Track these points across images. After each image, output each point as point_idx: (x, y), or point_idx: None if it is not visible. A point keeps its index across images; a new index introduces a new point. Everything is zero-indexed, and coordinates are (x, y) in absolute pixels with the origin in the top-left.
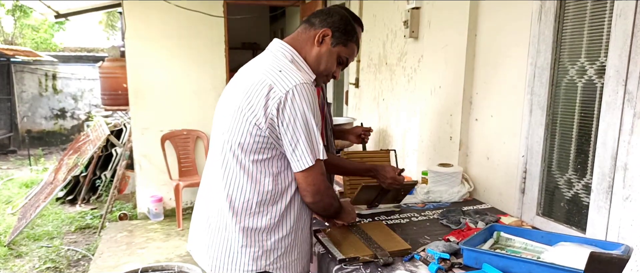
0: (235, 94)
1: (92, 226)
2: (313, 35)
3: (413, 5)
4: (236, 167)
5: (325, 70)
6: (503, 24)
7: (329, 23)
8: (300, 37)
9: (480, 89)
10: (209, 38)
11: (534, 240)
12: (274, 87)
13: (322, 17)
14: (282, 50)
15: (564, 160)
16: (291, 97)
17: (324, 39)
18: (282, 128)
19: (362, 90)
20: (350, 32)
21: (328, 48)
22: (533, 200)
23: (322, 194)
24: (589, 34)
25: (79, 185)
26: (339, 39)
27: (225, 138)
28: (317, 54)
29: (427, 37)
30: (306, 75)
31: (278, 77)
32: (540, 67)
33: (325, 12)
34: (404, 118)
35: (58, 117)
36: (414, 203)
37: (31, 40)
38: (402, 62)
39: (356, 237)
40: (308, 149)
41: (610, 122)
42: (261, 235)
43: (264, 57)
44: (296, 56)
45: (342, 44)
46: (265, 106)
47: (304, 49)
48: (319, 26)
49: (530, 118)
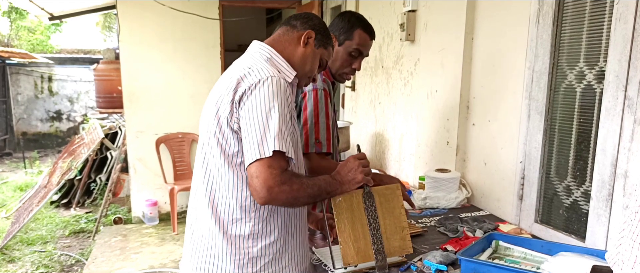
0: (211, 98)
1: (87, 230)
2: (297, 37)
3: (409, 7)
4: (215, 172)
5: (310, 71)
6: (500, 28)
7: (311, 25)
8: (282, 39)
9: (478, 93)
10: (205, 40)
11: (533, 249)
12: (242, 82)
13: (302, 20)
14: (260, 51)
15: (563, 167)
16: (258, 88)
17: (308, 41)
18: (242, 119)
19: (358, 94)
20: (329, 36)
21: (312, 49)
22: (531, 207)
23: (271, 191)
24: (587, 38)
25: (73, 188)
26: (321, 41)
27: (204, 140)
28: (303, 54)
29: (423, 40)
30: (279, 73)
31: (247, 72)
32: (538, 71)
33: (304, 15)
34: (400, 122)
35: (54, 119)
36: (411, 210)
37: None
38: (398, 66)
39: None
40: (260, 140)
41: (610, 128)
42: (246, 241)
43: (240, 58)
44: (275, 55)
45: (323, 46)
46: (232, 100)
47: (286, 50)
48: (301, 28)
49: (528, 123)
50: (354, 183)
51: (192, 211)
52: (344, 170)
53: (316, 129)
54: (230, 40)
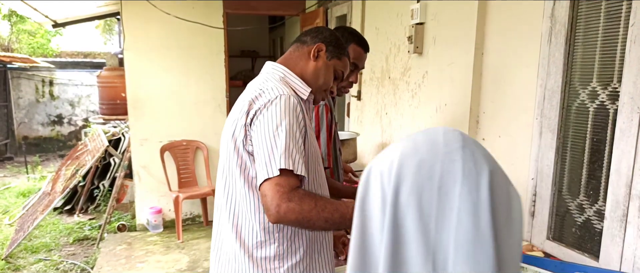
0: (227, 122)
1: (91, 237)
2: (307, 52)
3: (417, 20)
4: (237, 196)
5: (324, 84)
6: (511, 44)
7: (320, 38)
8: (293, 56)
9: (488, 108)
10: (209, 48)
11: (547, 269)
12: (254, 104)
13: (312, 35)
14: (273, 71)
15: (575, 185)
16: (267, 107)
17: (319, 54)
18: (253, 140)
19: (364, 103)
20: (341, 46)
21: (324, 62)
22: (543, 223)
23: (279, 209)
24: (601, 58)
25: (77, 194)
26: (333, 53)
27: (224, 165)
28: (314, 68)
29: (432, 53)
30: (294, 91)
31: (259, 94)
32: (550, 89)
33: (314, 30)
34: (408, 133)
35: (55, 123)
36: None
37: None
38: (405, 77)
39: None
40: (268, 159)
41: (624, 149)
42: (272, 263)
43: (254, 80)
44: (288, 73)
45: (336, 57)
46: (245, 124)
47: (298, 66)
48: (311, 42)
49: (540, 140)
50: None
51: (217, 235)
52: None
53: (318, 144)
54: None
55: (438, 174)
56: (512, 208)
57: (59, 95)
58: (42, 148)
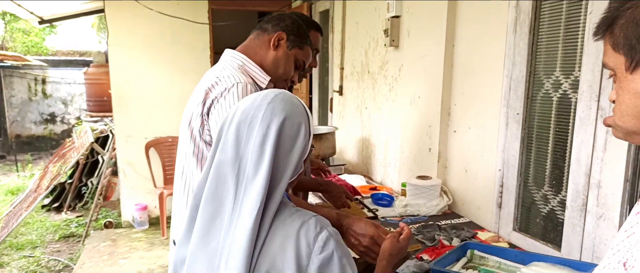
0: (185, 112)
1: (77, 234)
2: (268, 40)
3: (393, 13)
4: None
5: (284, 74)
6: (480, 35)
7: (282, 27)
8: (253, 44)
9: (459, 100)
10: (194, 44)
11: (508, 259)
12: (210, 92)
13: (274, 22)
14: (231, 59)
15: (540, 175)
16: (224, 96)
17: (279, 43)
18: (211, 130)
19: (346, 98)
20: (304, 35)
21: (284, 51)
22: (510, 215)
23: None
24: (563, 47)
25: (64, 192)
26: (294, 42)
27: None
28: (274, 57)
29: (406, 46)
30: (253, 79)
31: (215, 82)
32: (515, 79)
33: (277, 17)
34: (385, 127)
35: (48, 122)
36: (392, 217)
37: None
38: (383, 71)
39: None
40: None
41: (583, 138)
42: None
43: (212, 68)
44: (247, 62)
45: (297, 47)
46: (201, 113)
47: (258, 55)
48: (272, 31)
49: (506, 131)
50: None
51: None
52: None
53: None
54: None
55: (250, 116)
56: (298, 139)
57: (52, 93)
58: (35, 147)
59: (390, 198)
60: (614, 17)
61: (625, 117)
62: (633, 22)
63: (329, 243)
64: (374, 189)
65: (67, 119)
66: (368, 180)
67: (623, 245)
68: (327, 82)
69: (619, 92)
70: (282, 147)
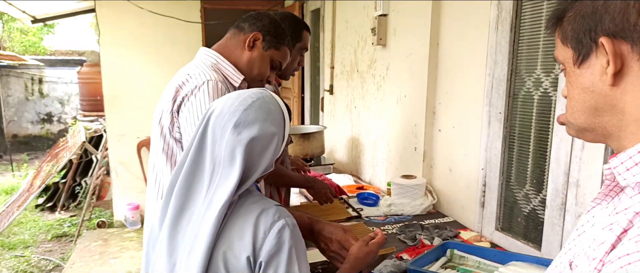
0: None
1: (70, 234)
2: (243, 40)
3: (380, 12)
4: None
5: (259, 75)
6: (463, 33)
7: (258, 27)
8: (229, 43)
9: (443, 99)
10: (186, 43)
11: (487, 258)
12: (181, 90)
13: (251, 21)
14: (205, 57)
15: (522, 174)
16: (194, 93)
17: (254, 43)
18: (181, 127)
19: (336, 97)
20: (281, 35)
21: (260, 52)
22: (492, 214)
23: None
24: (544, 45)
25: (58, 191)
26: (270, 43)
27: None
28: (249, 58)
29: (393, 45)
30: (225, 77)
31: (186, 79)
32: (497, 78)
33: (254, 16)
34: (373, 126)
35: (44, 121)
36: (376, 216)
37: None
38: (371, 70)
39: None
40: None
41: (562, 136)
42: None
43: (185, 66)
44: (220, 60)
45: (274, 47)
46: (171, 110)
47: (233, 54)
48: (248, 30)
49: (488, 130)
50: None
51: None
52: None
53: None
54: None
55: (225, 120)
56: (270, 147)
57: (49, 93)
58: (31, 147)
59: (376, 198)
60: (564, 9)
61: (575, 113)
62: (580, 15)
63: (283, 232)
64: (360, 188)
65: (63, 119)
66: (356, 180)
67: (574, 244)
68: (319, 81)
69: (568, 87)
70: (253, 153)
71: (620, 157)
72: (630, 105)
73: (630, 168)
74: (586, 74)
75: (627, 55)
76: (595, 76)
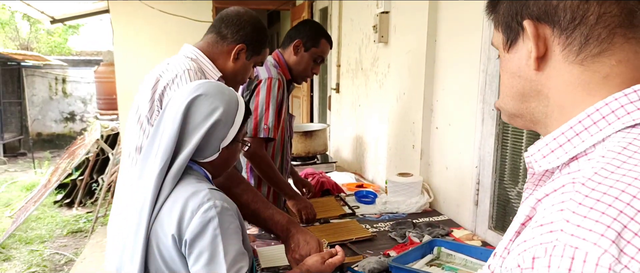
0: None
1: (84, 230)
2: (227, 51)
3: (382, 9)
4: None
5: (242, 81)
6: (459, 29)
7: (242, 36)
8: (213, 49)
9: (440, 96)
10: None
11: (475, 257)
12: (161, 79)
13: (234, 29)
14: (188, 53)
15: (515, 172)
16: (176, 81)
17: (239, 55)
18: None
19: (342, 96)
20: (262, 40)
21: (243, 62)
22: (485, 212)
23: None
24: None
25: (76, 188)
26: (253, 51)
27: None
28: (233, 69)
29: (393, 42)
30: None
31: (165, 68)
32: (490, 74)
33: (235, 22)
34: (376, 124)
35: (67, 120)
36: (371, 214)
37: (46, 45)
38: (374, 68)
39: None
40: None
41: None
42: None
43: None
44: (201, 57)
45: (256, 54)
46: (151, 98)
47: (218, 61)
48: (231, 40)
49: (482, 127)
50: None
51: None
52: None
53: (266, 115)
54: None
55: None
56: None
57: (72, 92)
58: (54, 145)
59: (373, 196)
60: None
61: (505, 98)
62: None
63: (209, 213)
64: (360, 187)
65: (86, 118)
66: (358, 178)
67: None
68: (327, 80)
69: (501, 72)
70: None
71: (538, 145)
72: (554, 90)
73: (546, 155)
74: (514, 59)
75: (549, 39)
76: (521, 61)
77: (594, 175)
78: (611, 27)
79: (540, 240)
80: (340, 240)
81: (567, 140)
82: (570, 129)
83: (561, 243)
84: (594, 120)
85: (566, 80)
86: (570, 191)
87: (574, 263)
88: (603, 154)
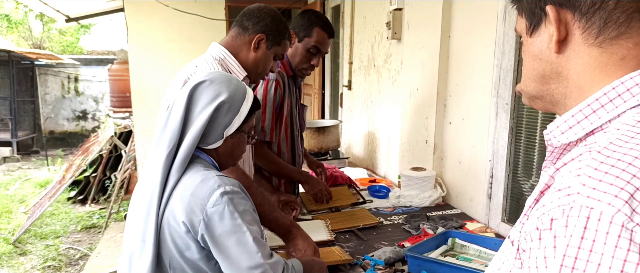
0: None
1: (98, 226)
2: (248, 41)
3: (395, 6)
4: None
5: (263, 72)
6: (473, 25)
7: (262, 27)
8: (236, 42)
9: (454, 92)
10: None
11: (488, 247)
12: (188, 81)
13: (254, 21)
14: (215, 52)
15: (529, 166)
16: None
17: (259, 44)
18: None
19: (354, 92)
20: (282, 30)
21: (264, 52)
22: (498, 206)
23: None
24: None
25: (89, 185)
26: (273, 41)
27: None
28: (255, 59)
29: (406, 38)
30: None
31: (194, 71)
32: (504, 68)
33: (256, 14)
34: (388, 120)
35: (79, 119)
36: (384, 207)
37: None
38: (387, 64)
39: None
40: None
41: None
42: None
43: (195, 59)
44: (228, 56)
45: (276, 44)
46: None
47: (241, 53)
48: (252, 31)
49: (496, 121)
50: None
51: None
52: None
53: (262, 118)
54: None
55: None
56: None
57: (84, 91)
58: (67, 143)
59: (386, 190)
60: None
61: (527, 81)
62: None
63: (221, 198)
64: (373, 182)
65: (97, 116)
66: (370, 173)
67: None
68: (338, 78)
69: (523, 57)
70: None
71: (557, 122)
72: (573, 72)
73: (565, 131)
74: (536, 43)
75: (570, 23)
76: (543, 44)
77: (609, 144)
78: (629, 12)
79: (558, 203)
80: (348, 227)
81: (584, 117)
82: (588, 106)
83: (578, 205)
84: (610, 98)
85: (585, 62)
86: (586, 158)
87: (589, 221)
88: (618, 127)
